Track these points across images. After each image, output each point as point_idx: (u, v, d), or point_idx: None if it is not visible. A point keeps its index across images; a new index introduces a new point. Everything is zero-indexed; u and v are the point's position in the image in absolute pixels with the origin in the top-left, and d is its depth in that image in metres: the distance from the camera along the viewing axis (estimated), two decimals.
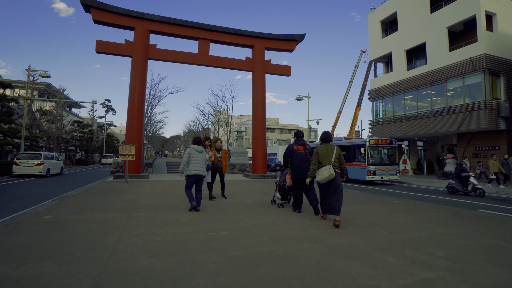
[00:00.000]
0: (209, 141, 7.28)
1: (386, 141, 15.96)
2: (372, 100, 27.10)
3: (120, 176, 13.09)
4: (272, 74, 17.19)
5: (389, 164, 15.76)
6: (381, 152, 16.08)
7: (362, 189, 12.69)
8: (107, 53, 14.11)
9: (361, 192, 10.36)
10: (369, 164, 15.19)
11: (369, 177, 15.00)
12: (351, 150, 16.63)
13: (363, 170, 15.34)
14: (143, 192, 8.59)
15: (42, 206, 6.07)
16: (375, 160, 15.56)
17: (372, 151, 15.66)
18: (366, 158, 15.28)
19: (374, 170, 15.08)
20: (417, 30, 22.15)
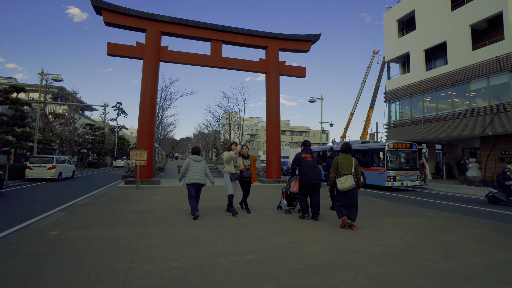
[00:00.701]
0: (235, 145, 6.51)
1: (406, 145, 15.13)
2: (388, 101, 26.22)
3: (131, 182, 12.74)
4: (287, 75, 16.64)
5: (409, 169, 14.93)
6: (401, 157, 15.26)
7: (384, 196, 11.98)
8: (118, 55, 13.83)
9: (385, 201, 9.68)
10: (388, 169, 14.39)
11: (389, 182, 14.23)
12: (369, 154, 15.81)
13: (382, 176, 14.57)
14: (155, 201, 8.15)
15: (49, 218, 5.67)
16: (394, 165, 14.74)
17: (391, 155, 14.83)
18: (385, 162, 14.48)
19: (394, 176, 14.30)
20: (437, 28, 21.25)
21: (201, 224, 5.48)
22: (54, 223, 5.28)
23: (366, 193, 13.35)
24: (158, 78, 14.75)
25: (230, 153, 6.24)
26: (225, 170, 6.38)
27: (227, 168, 6.35)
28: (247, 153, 6.93)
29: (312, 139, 69.28)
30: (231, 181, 6.36)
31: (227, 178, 6.38)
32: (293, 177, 6.67)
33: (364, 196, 11.39)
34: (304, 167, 6.17)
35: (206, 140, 53.46)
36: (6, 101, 19.97)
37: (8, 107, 20.40)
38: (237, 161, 6.51)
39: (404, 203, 9.60)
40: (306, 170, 6.14)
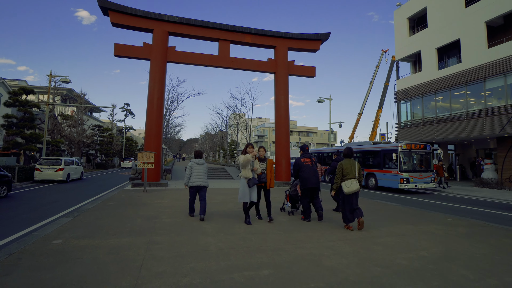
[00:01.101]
0: (252, 148, 5.90)
1: (420, 145, 14.63)
2: (398, 101, 25.63)
3: (139, 184, 12.56)
4: (296, 75, 16.31)
5: (423, 171, 14.38)
6: (414, 158, 14.73)
7: (398, 200, 11.54)
8: (125, 56, 13.69)
9: (400, 206, 9.27)
10: (401, 171, 13.90)
11: (402, 185, 13.73)
12: (381, 156, 15.31)
13: (395, 178, 14.08)
14: (162, 205, 7.91)
15: (54, 225, 5.45)
16: (408, 167, 14.23)
17: (404, 156, 14.33)
18: (399, 164, 14.00)
19: (408, 178, 13.79)
20: (450, 26, 20.64)
21: (211, 232, 5.20)
22: (58, 231, 5.06)
23: (379, 196, 12.93)
24: (166, 79, 14.57)
25: (246, 156, 5.69)
26: (241, 175, 5.81)
27: (244, 173, 5.76)
28: (264, 155, 6.37)
29: (320, 139, 68.65)
30: (249, 187, 5.75)
31: (244, 184, 5.78)
32: (296, 180, 6.89)
33: (377, 199, 11.00)
34: (304, 171, 6.39)
35: (213, 141, 53.36)
36: (16, 103, 20.07)
37: (18, 109, 20.50)
38: (254, 165, 5.91)
39: (420, 208, 9.19)
40: (305, 174, 6.37)
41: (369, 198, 10.98)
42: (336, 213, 7.49)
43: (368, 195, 13.07)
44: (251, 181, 5.74)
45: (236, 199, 9.26)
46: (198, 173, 6.42)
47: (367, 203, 9.27)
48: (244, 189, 5.76)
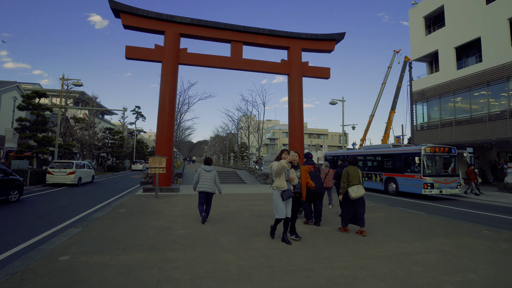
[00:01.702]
0: (287, 154, 5.15)
1: (444, 148, 13.85)
2: (414, 103, 24.85)
3: (150, 189, 12.27)
4: (310, 77, 15.84)
5: (448, 175, 13.60)
6: (439, 162, 13.88)
7: (421, 207, 10.91)
8: (137, 59, 13.49)
9: (426, 214, 8.67)
10: (425, 176, 13.16)
11: (426, 190, 12.98)
12: (402, 159, 14.55)
13: (418, 183, 13.37)
14: (175, 214, 7.54)
15: (62, 237, 5.13)
16: (432, 171, 13.45)
17: (428, 160, 13.56)
18: (422, 168, 13.25)
19: (432, 183, 13.04)
20: (470, 24, 19.84)
21: (229, 246, 4.78)
22: (66, 244, 4.72)
23: (401, 202, 12.30)
24: (177, 81, 14.32)
25: (281, 163, 4.92)
26: (274, 185, 5.09)
27: (277, 182, 5.03)
28: (297, 161, 5.59)
29: (331, 141, 67.75)
30: (283, 200, 4.94)
31: (277, 196, 4.99)
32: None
33: (400, 206, 10.39)
34: None
35: (223, 143, 53.16)
36: (29, 107, 20.17)
37: (31, 112, 20.61)
38: (289, 174, 5.17)
39: (448, 217, 8.58)
40: None
41: (390, 205, 10.40)
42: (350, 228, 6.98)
43: (389, 201, 12.47)
44: (286, 193, 4.94)
45: (252, 207, 8.89)
46: (205, 180, 6.71)
47: (388, 211, 8.72)
48: (279, 202, 4.96)
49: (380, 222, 7.11)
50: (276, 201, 5.02)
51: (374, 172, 16.37)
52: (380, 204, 10.40)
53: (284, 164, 4.91)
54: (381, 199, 13.11)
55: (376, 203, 10.82)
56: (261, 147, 29.00)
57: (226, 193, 12.21)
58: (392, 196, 14.37)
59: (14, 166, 17.83)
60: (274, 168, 5.04)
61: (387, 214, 8.27)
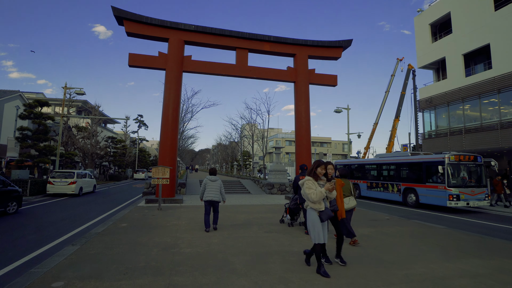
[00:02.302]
0: (323, 169, 4.27)
1: (470, 157, 12.83)
2: (422, 110, 24.42)
3: (153, 201, 11.81)
4: (317, 84, 15.49)
5: (475, 186, 12.54)
6: (464, 171, 12.77)
7: (448, 221, 10.26)
8: (140, 66, 13.21)
9: (451, 229, 8.11)
10: (450, 186, 12.11)
11: (451, 202, 11.93)
12: (423, 169, 13.53)
13: (442, 194, 12.34)
14: (180, 229, 7.07)
15: (57, 257, 4.66)
16: (457, 181, 12.38)
17: (453, 169, 12.44)
18: (446, 178, 12.19)
19: (458, 194, 12.02)
20: (478, 30, 19.53)
21: (242, 269, 4.30)
22: (61, 266, 4.26)
23: (423, 215, 11.49)
24: (181, 89, 13.99)
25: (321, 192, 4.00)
26: (309, 206, 4.19)
27: (314, 204, 4.13)
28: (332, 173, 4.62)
29: (334, 150, 67.20)
30: (322, 221, 4.12)
31: (315, 217, 4.12)
32: (296, 195, 7.37)
33: (417, 219, 9.81)
34: None
35: (226, 151, 52.76)
36: (30, 115, 19.93)
37: (32, 121, 20.36)
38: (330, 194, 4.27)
39: (476, 232, 8.02)
40: None
41: (407, 218, 9.85)
42: (365, 244, 6.48)
43: (406, 213, 11.77)
44: (325, 214, 4.11)
45: (261, 220, 8.40)
46: (211, 189, 6.99)
47: (408, 225, 8.18)
48: (318, 225, 4.10)
49: (402, 238, 6.60)
50: (313, 223, 4.12)
51: (391, 182, 15.41)
52: (396, 217, 9.86)
53: (324, 194, 4.04)
54: (399, 211, 12.40)
55: (395, 215, 10.26)
56: (265, 156, 28.50)
57: (232, 204, 11.72)
58: (411, 208, 13.49)
59: (14, 176, 17.46)
60: (311, 196, 4.04)
61: (406, 229, 7.75)
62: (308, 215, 4.24)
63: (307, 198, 4.12)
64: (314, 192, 4.03)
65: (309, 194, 4.04)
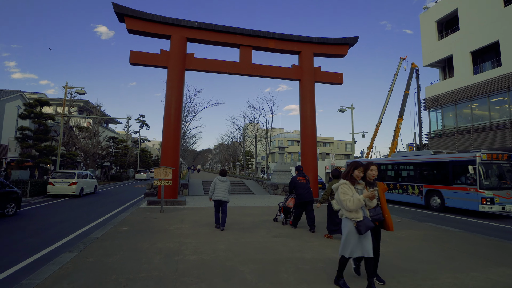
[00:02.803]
0: (361, 171, 3.68)
1: (503, 156, 11.59)
2: (428, 109, 24.01)
3: (155, 202, 11.48)
4: (322, 82, 15.12)
5: (510, 188, 11.24)
6: (498, 172, 11.49)
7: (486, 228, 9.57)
8: (141, 64, 12.89)
9: (478, 236, 7.70)
10: (483, 189, 10.85)
11: (484, 206, 10.68)
12: (449, 169, 12.22)
13: (473, 197, 11.09)
14: (184, 233, 6.72)
15: (52, 266, 4.32)
16: (491, 183, 11.11)
17: (486, 170, 11.24)
18: (478, 179, 10.96)
19: (492, 197, 10.72)
20: (486, 27, 19.10)
21: (253, 280, 3.94)
22: (55, 277, 3.92)
23: (455, 222, 10.17)
24: (184, 88, 13.66)
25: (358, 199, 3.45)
26: (345, 215, 3.61)
27: (350, 212, 3.55)
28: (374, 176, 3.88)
29: (337, 150, 66.75)
30: (361, 234, 3.47)
31: (351, 229, 3.52)
32: (290, 195, 7.87)
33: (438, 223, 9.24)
34: (299, 188, 7.38)
35: (228, 151, 52.46)
36: (31, 115, 19.65)
37: (32, 121, 20.09)
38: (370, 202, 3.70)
39: (495, 236, 7.64)
40: (300, 190, 7.33)
41: (418, 220, 9.44)
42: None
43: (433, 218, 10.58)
44: (364, 224, 3.46)
45: (268, 223, 8.02)
46: (220, 189, 7.23)
47: (417, 228, 7.79)
48: (353, 237, 3.50)
49: (417, 243, 6.22)
50: (347, 234, 3.52)
51: (411, 183, 14.04)
52: (407, 219, 9.46)
53: (363, 202, 3.48)
54: (422, 216, 11.28)
55: (406, 218, 9.84)
56: (268, 156, 28.14)
57: (237, 206, 11.37)
58: (435, 212, 12.25)
59: (14, 176, 17.19)
60: (348, 204, 3.45)
61: (420, 232, 7.36)
62: (343, 225, 3.67)
63: (342, 206, 3.60)
64: (350, 199, 3.44)
65: (345, 201, 3.47)
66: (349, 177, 3.64)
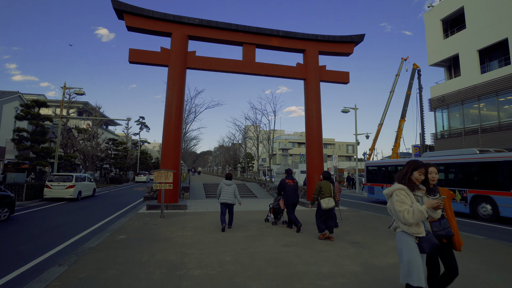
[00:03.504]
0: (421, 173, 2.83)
1: None
2: (433, 109, 23.50)
3: (154, 207, 10.95)
4: (328, 82, 14.62)
5: None
6: None
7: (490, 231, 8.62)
8: (141, 62, 12.39)
9: (504, 243, 7.16)
10: None
11: None
12: (505, 170, 10.15)
13: None
14: (186, 242, 6.19)
15: (37, 284, 3.80)
16: None
17: None
18: None
19: None
20: (495, 25, 18.63)
21: None
22: None
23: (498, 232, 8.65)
24: (185, 87, 13.17)
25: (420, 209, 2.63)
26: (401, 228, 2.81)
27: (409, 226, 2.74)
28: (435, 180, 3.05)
29: (338, 151, 66.25)
30: (423, 253, 2.75)
31: (411, 246, 2.72)
32: (279, 196, 8.21)
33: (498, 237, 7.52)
34: (287, 190, 7.73)
35: (228, 153, 51.92)
36: (27, 116, 19.16)
37: (29, 122, 19.59)
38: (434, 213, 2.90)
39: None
40: (288, 192, 7.69)
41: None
42: None
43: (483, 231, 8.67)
44: (428, 241, 2.70)
45: (275, 230, 7.48)
46: (226, 192, 7.52)
47: None
48: (414, 258, 2.70)
49: None
50: (409, 254, 2.71)
51: (451, 188, 11.80)
52: None
53: (425, 214, 2.66)
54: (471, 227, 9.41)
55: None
56: (271, 158, 27.61)
57: (240, 211, 10.85)
58: (484, 223, 10.28)
59: (10, 179, 16.66)
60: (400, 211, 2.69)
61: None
62: (400, 241, 2.81)
63: (397, 218, 2.79)
64: (409, 209, 2.66)
65: (401, 213, 2.68)
66: (407, 181, 2.81)
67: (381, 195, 15.61)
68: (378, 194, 16.40)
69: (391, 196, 2.82)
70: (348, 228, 7.94)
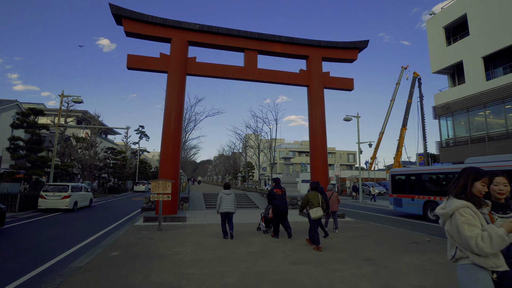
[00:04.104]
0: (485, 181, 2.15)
1: None
2: (438, 117, 23.10)
3: (152, 218, 10.40)
4: (332, 88, 14.25)
5: None
6: None
7: None
8: (139, 69, 12.02)
9: None
10: None
11: None
12: None
13: None
14: (185, 259, 5.64)
15: None
16: None
17: None
18: None
19: None
20: (500, 31, 18.38)
21: None
22: None
23: None
24: (185, 94, 12.77)
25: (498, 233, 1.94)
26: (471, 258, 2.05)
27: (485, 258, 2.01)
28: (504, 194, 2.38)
29: (339, 160, 65.67)
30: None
31: (487, 283, 2.00)
32: (269, 205, 8.30)
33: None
34: (276, 199, 7.78)
35: (228, 162, 51.37)
36: (23, 125, 18.72)
37: (25, 131, 19.15)
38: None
39: None
40: (276, 201, 7.74)
41: None
42: (428, 283, 5.07)
43: None
44: (509, 277, 2.03)
45: (280, 244, 6.91)
46: (227, 202, 7.67)
47: None
48: None
49: None
50: None
51: None
52: (437, 238, 8.35)
53: (507, 239, 1.94)
54: None
55: (436, 236, 8.72)
56: (272, 167, 27.06)
57: (242, 223, 10.28)
58: None
59: (3, 189, 16.12)
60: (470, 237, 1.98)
61: None
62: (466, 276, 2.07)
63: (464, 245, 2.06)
64: (483, 235, 1.97)
65: (473, 239, 1.97)
66: (469, 195, 2.14)
67: (411, 208, 13.57)
68: (407, 207, 13.84)
69: (452, 216, 2.13)
70: (359, 243, 7.39)
